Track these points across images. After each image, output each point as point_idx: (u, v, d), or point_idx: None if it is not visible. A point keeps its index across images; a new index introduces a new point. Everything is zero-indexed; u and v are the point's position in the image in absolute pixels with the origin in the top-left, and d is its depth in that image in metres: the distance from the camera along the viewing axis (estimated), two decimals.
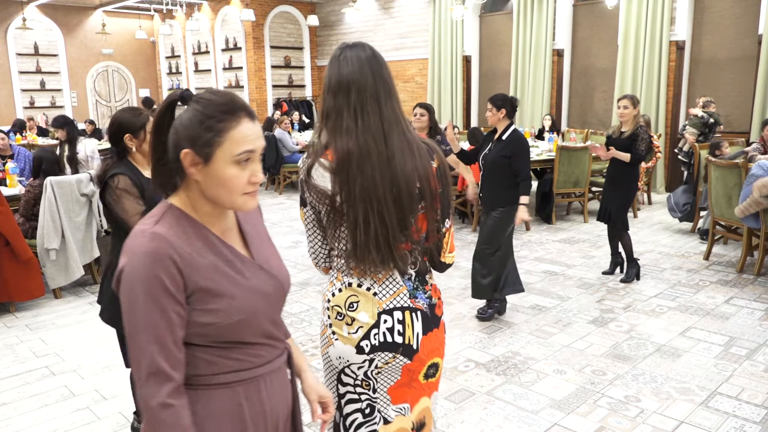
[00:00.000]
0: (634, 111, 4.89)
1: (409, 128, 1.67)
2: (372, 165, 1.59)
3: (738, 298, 4.69)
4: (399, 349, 1.71)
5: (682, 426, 2.96)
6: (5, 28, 13.36)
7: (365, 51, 1.68)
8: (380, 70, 1.66)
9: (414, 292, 1.73)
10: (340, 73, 1.64)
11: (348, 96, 1.63)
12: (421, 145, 1.68)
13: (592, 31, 10.10)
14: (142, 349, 1.17)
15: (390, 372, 1.75)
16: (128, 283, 1.17)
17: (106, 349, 3.95)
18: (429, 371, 1.79)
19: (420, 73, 12.33)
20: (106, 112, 14.94)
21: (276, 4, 13.47)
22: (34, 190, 4.82)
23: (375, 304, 1.70)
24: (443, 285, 5.13)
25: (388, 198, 1.60)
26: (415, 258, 1.71)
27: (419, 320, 1.72)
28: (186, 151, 1.20)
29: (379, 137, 1.61)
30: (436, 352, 1.79)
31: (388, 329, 1.69)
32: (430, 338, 1.75)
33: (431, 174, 1.66)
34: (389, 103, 1.65)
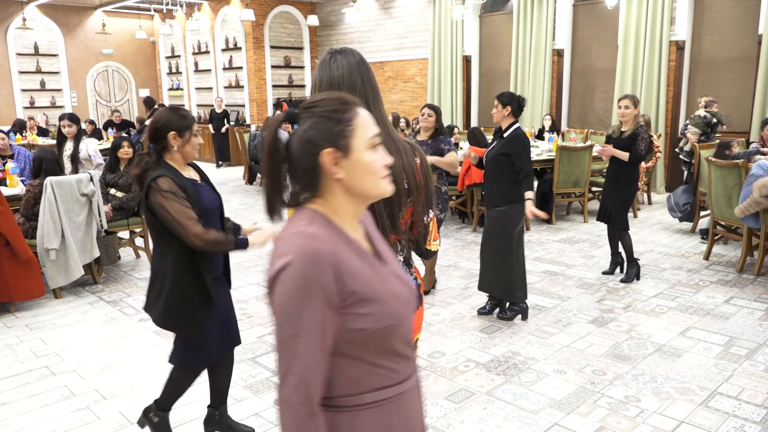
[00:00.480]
0: (634, 111, 4.89)
1: (393, 130, 1.80)
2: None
3: (738, 298, 4.69)
4: None
5: (682, 426, 2.96)
6: (5, 28, 13.36)
7: (354, 56, 1.79)
8: (368, 74, 1.78)
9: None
10: (331, 74, 1.75)
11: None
12: (405, 144, 1.79)
13: (592, 31, 10.10)
14: (298, 353, 1.13)
15: None
16: (290, 284, 1.14)
17: (106, 349, 3.95)
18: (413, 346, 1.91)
19: (420, 73, 12.33)
20: (106, 112, 14.93)
21: (276, 4, 13.46)
22: (34, 189, 4.82)
23: None
24: (443, 285, 5.13)
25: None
26: (402, 246, 1.83)
27: None
28: (327, 150, 1.20)
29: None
30: (419, 328, 1.96)
31: None
32: (417, 315, 1.89)
33: (417, 170, 1.77)
34: (376, 106, 1.77)
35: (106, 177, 5.66)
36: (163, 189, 2.37)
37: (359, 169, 1.22)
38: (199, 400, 3.27)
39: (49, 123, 12.89)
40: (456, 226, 7.27)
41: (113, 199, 5.56)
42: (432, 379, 3.47)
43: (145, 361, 3.78)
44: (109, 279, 5.42)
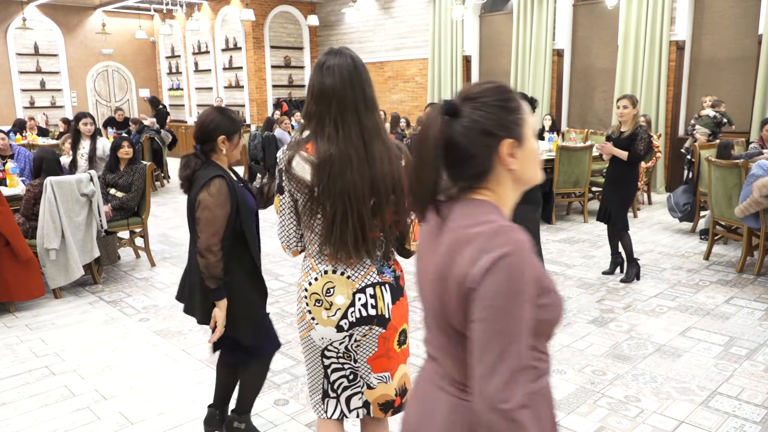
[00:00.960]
0: (633, 111, 4.89)
1: (387, 136, 1.86)
2: (353, 169, 1.77)
3: (738, 298, 4.69)
4: (374, 320, 1.91)
5: (682, 426, 2.96)
6: (5, 28, 13.36)
7: (347, 62, 1.80)
8: (362, 84, 1.80)
9: (381, 268, 1.93)
10: (322, 82, 1.79)
11: (329, 106, 1.79)
12: (395, 149, 1.86)
13: (592, 31, 10.10)
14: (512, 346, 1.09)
15: (368, 344, 1.96)
16: (512, 275, 1.09)
17: (106, 349, 3.95)
18: (400, 338, 2.00)
19: (420, 73, 12.33)
20: (106, 112, 14.94)
21: (276, 4, 13.47)
22: (34, 189, 4.82)
23: (349, 286, 1.90)
24: None
25: (366, 197, 1.79)
26: (382, 242, 1.90)
27: (388, 292, 1.93)
28: (507, 140, 1.18)
29: (360, 146, 1.78)
30: (404, 318, 2.01)
31: (363, 305, 1.90)
32: (398, 306, 1.96)
33: (403, 173, 1.83)
34: (368, 115, 1.81)
35: (106, 177, 5.66)
36: (217, 191, 2.37)
37: (529, 158, 1.22)
38: (198, 400, 3.27)
39: (49, 123, 12.88)
40: None
41: (113, 199, 5.56)
42: None
43: (145, 361, 3.78)
44: (109, 279, 5.42)
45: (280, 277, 5.38)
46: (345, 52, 1.84)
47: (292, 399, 3.26)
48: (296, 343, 3.99)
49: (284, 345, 3.96)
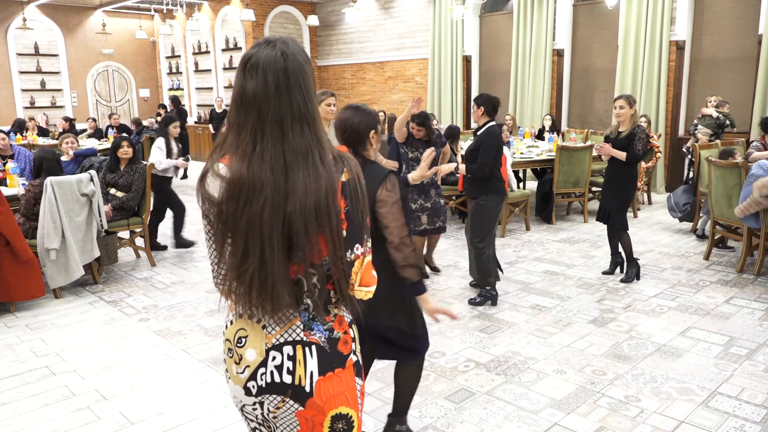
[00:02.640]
0: (630, 111, 4.89)
1: (322, 156, 1.40)
2: (264, 200, 1.35)
3: (738, 298, 4.69)
4: (287, 391, 1.45)
5: (682, 426, 2.96)
6: (5, 28, 13.36)
7: (277, 60, 1.38)
8: (290, 91, 1.38)
9: (309, 323, 1.46)
10: (243, 86, 1.39)
11: (249, 115, 1.38)
12: (330, 174, 1.40)
13: (592, 31, 10.10)
14: None
15: (285, 419, 1.49)
16: None
17: (106, 349, 3.95)
18: (336, 425, 1.48)
19: (420, 73, 12.33)
20: (106, 112, 14.93)
21: (276, 4, 13.46)
22: (35, 189, 4.82)
23: (263, 339, 1.46)
24: (443, 285, 5.13)
25: (274, 234, 1.36)
26: (313, 285, 1.43)
27: (314, 356, 1.45)
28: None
29: (279, 169, 1.36)
30: (341, 399, 1.49)
31: (276, 367, 1.45)
32: (331, 380, 1.47)
33: (336, 193, 1.40)
34: (298, 129, 1.38)
35: (106, 177, 5.66)
36: (392, 186, 2.35)
37: None
38: (198, 400, 3.27)
39: (50, 123, 12.88)
40: (456, 226, 7.27)
41: (113, 199, 5.56)
42: (432, 379, 3.47)
43: (145, 361, 3.78)
44: (109, 279, 5.42)
45: None
46: (278, 45, 1.40)
47: None
48: None
49: None
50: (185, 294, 5.01)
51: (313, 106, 1.43)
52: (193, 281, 5.35)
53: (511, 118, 9.80)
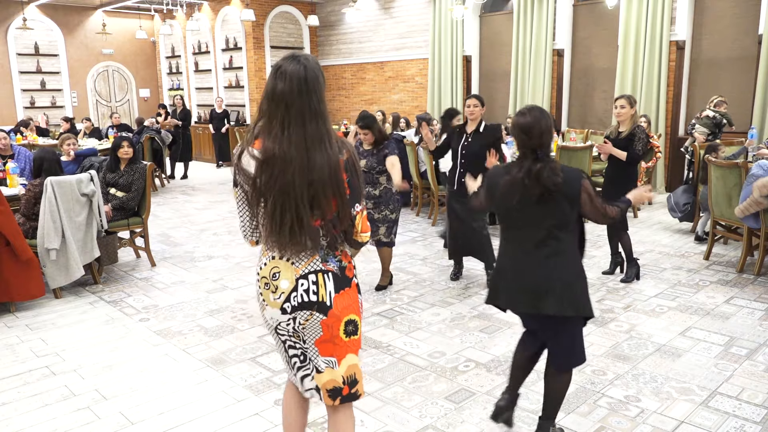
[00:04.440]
0: (630, 111, 4.89)
1: (330, 142, 1.94)
2: (293, 170, 1.89)
3: (738, 298, 4.69)
4: (314, 306, 2.01)
5: (682, 426, 2.96)
6: (5, 28, 13.36)
7: (300, 71, 1.92)
8: (309, 94, 1.91)
9: (326, 256, 2.04)
10: (275, 86, 1.92)
11: (278, 108, 1.91)
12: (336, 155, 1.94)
13: (592, 31, 10.10)
14: None
15: (312, 328, 2.06)
16: None
17: (106, 349, 3.95)
18: (348, 328, 2.08)
19: (420, 73, 12.33)
20: (107, 112, 14.94)
21: (276, 4, 13.46)
22: (35, 189, 4.82)
23: (293, 272, 2.02)
24: (443, 285, 5.13)
25: (304, 196, 1.90)
26: (327, 231, 1.99)
27: (331, 280, 2.03)
28: None
29: (301, 148, 1.89)
30: (351, 309, 2.08)
31: (305, 291, 2.01)
32: (343, 296, 2.05)
33: (340, 168, 1.94)
34: (313, 123, 1.92)
35: (106, 177, 5.66)
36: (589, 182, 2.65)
37: None
38: (198, 400, 3.27)
39: (50, 123, 12.87)
40: None
41: (113, 198, 5.56)
42: (432, 379, 3.47)
43: (145, 361, 3.78)
44: (109, 279, 5.42)
45: None
46: (302, 60, 1.94)
47: None
48: None
49: None
50: (185, 294, 5.01)
51: (324, 106, 1.95)
52: (193, 281, 5.35)
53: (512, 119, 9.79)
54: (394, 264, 5.76)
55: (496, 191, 2.64)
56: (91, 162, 6.60)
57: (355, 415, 2.26)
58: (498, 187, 2.61)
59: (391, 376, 3.50)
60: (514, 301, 2.65)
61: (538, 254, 2.55)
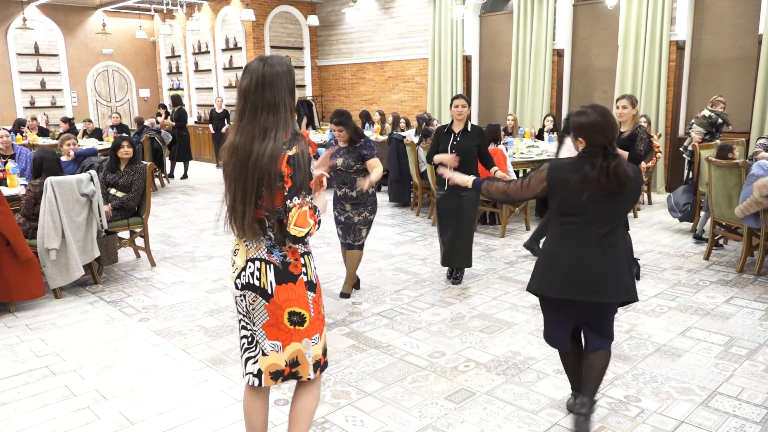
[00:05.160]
0: (632, 111, 4.89)
1: (276, 134, 2.07)
2: (242, 159, 2.09)
3: (738, 298, 4.69)
4: (257, 290, 2.18)
5: (682, 426, 2.96)
6: (5, 28, 13.36)
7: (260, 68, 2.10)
8: (264, 88, 2.08)
9: (271, 248, 2.18)
10: (240, 82, 2.15)
11: (240, 102, 2.13)
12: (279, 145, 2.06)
13: (592, 31, 10.10)
14: None
15: (259, 310, 2.22)
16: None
17: (106, 349, 3.95)
18: (293, 318, 2.20)
19: (420, 73, 12.33)
20: (107, 112, 14.94)
21: (276, 4, 13.46)
22: (35, 189, 4.82)
23: (246, 252, 2.22)
24: (443, 285, 5.13)
25: (250, 184, 2.08)
26: (271, 224, 2.14)
27: (272, 272, 2.17)
28: None
29: (249, 138, 2.08)
30: (294, 302, 2.19)
31: (251, 273, 2.19)
32: (285, 289, 2.17)
33: (282, 161, 2.05)
34: (264, 115, 2.08)
35: (106, 177, 5.66)
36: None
37: None
38: (198, 400, 3.27)
39: (50, 123, 12.87)
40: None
41: (113, 199, 5.56)
42: (432, 379, 3.47)
43: (145, 361, 3.78)
44: (109, 279, 5.42)
45: None
46: (266, 59, 2.13)
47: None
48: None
49: None
50: (185, 294, 5.02)
51: (280, 100, 2.09)
52: (193, 281, 5.35)
53: (513, 119, 9.80)
54: (394, 264, 5.77)
55: (562, 187, 2.67)
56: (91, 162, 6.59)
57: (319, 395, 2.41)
58: (568, 183, 2.64)
59: (391, 376, 3.50)
60: (572, 291, 2.72)
61: (601, 247, 2.67)
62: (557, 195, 2.70)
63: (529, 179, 2.77)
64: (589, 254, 2.67)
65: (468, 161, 4.76)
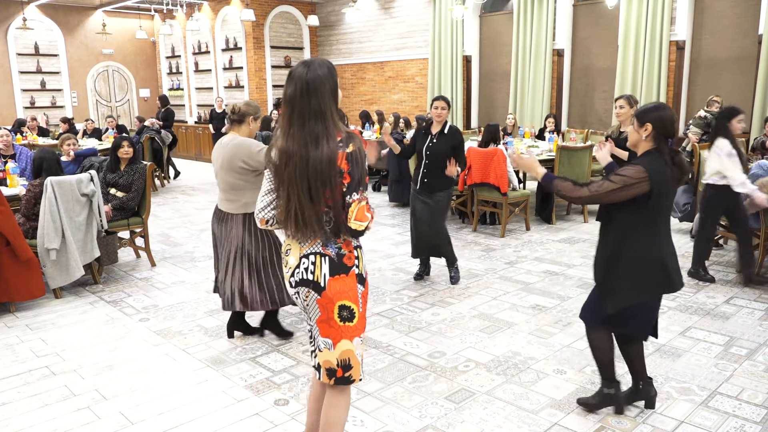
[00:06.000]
0: (630, 111, 4.89)
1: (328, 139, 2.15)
2: (295, 164, 2.16)
3: (738, 298, 4.69)
4: (310, 285, 2.24)
5: (682, 426, 2.96)
6: (5, 28, 13.36)
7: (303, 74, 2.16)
8: (310, 95, 2.15)
9: (326, 241, 2.24)
10: (285, 90, 2.22)
11: (287, 109, 2.20)
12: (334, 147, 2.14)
13: (592, 31, 10.10)
14: None
15: (312, 306, 2.28)
16: None
17: (106, 349, 3.95)
18: (342, 313, 2.26)
19: (420, 73, 12.33)
20: (107, 112, 14.93)
21: (276, 4, 13.46)
22: (35, 189, 4.82)
23: (299, 251, 2.28)
24: (443, 285, 5.13)
25: (304, 187, 2.15)
26: (330, 218, 2.20)
27: (327, 264, 2.23)
28: None
29: (301, 145, 2.15)
30: (345, 295, 2.25)
31: (305, 269, 2.25)
32: (337, 280, 2.24)
33: (341, 159, 2.14)
34: (312, 122, 2.15)
35: (106, 176, 5.66)
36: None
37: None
38: (198, 400, 3.27)
39: (50, 123, 12.86)
40: (456, 226, 7.27)
41: (113, 199, 5.56)
42: (432, 379, 3.47)
43: (145, 361, 3.78)
44: (109, 279, 5.42)
45: None
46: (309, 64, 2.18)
47: (292, 399, 3.26)
48: (296, 342, 3.99)
49: (284, 345, 3.97)
50: (185, 294, 5.02)
51: (326, 106, 2.16)
52: (193, 281, 5.35)
53: (513, 118, 9.80)
54: (394, 264, 5.77)
55: (665, 183, 2.69)
56: (91, 162, 6.59)
57: (349, 403, 2.42)
58: (666, 178, 2.69)
59: (391, 376, 3.50)
60: (680, 283, 2.87)
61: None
62: (660, 192, 2.68)
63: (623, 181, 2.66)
64: (672, 245, 2.87)
65: (440, 164, 4.87)
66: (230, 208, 3.75)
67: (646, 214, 2.73)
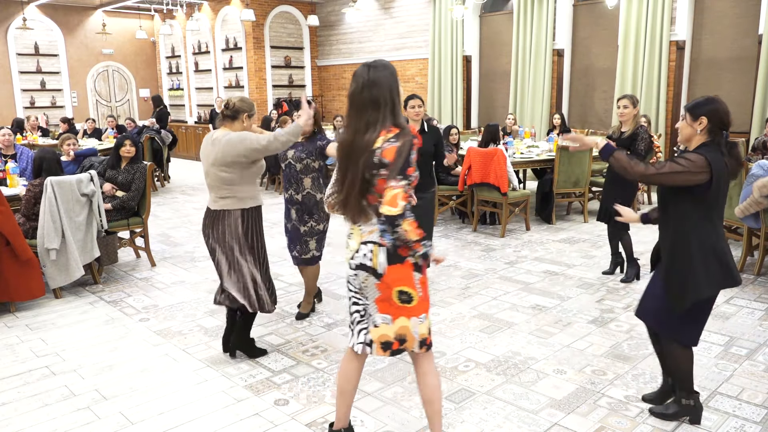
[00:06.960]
0: (633, 111, 4.90)
1: (376, 128, 2.35)
2: (347, 150, 2.40)
3: (738, 298, 4.69)
4: (369, 270, 2.42)
5: (682, 426, 2.96)
6: (5, 28, 13.36)
7: (364, 72, 2.41)
8: (369, 88, 2.38)
9: (383, 233, 2.37)
10: (349, 90, 2.45)
11: (348, 105, 2.45)
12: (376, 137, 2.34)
13: (592, 31, 10.10)
14: None
15: (371, 288, 2.45)
16: None
17: (106, 349, 3.95)
18: (402, 296, 2.43)
19: (420, 73, 12.33)
20: (107, 112, 14.94)
21: (276, 4, 13.46)
22: (35, 189, 4.82)
23: (360, 236, 2.45)
24: (443, 285, 5.13)
25: (358, 175, 2.34)
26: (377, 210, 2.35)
27: (383, 254, 2.39)
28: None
29: (353, 132, 2.38)
30: (402, 282, 2.41)
31: (364, 255, 2.42)
32: (394, 270, 2.40)
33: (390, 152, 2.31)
34: (369, 112, 2.37)
35: (106, 172, 5.66)
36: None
37: None
38: (198, 400, 3.27)
39: (50, 123, 12.86)
40: (456, 226, 7.27)
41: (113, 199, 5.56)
42: None
43: (145, 361, 3.78)
44: (109, 279, 5.42)
45: (281, 276, 5.39)
46: (370, 64, 2.42)
47: (292, 399, 3.26)
48: (296, 343, 3.99)
49: (284, 345, 3.96)
50: (185, 294, 5.02)
51: (381, 96, 2.36)
52: (193, 281, 5.35)
53: (513, 118, 9.79)
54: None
55: (724, 175, 2.68)
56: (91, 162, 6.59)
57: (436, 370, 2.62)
58: (725, 170, 2.67)
59: (391, 376, 3.50)
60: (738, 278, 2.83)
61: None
62: (719, 183, 2.66)
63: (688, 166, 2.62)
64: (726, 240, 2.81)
65: (426, 163, 4.71)
66: (225, 205, 3.69)
67: (704, 206, 2.70)
